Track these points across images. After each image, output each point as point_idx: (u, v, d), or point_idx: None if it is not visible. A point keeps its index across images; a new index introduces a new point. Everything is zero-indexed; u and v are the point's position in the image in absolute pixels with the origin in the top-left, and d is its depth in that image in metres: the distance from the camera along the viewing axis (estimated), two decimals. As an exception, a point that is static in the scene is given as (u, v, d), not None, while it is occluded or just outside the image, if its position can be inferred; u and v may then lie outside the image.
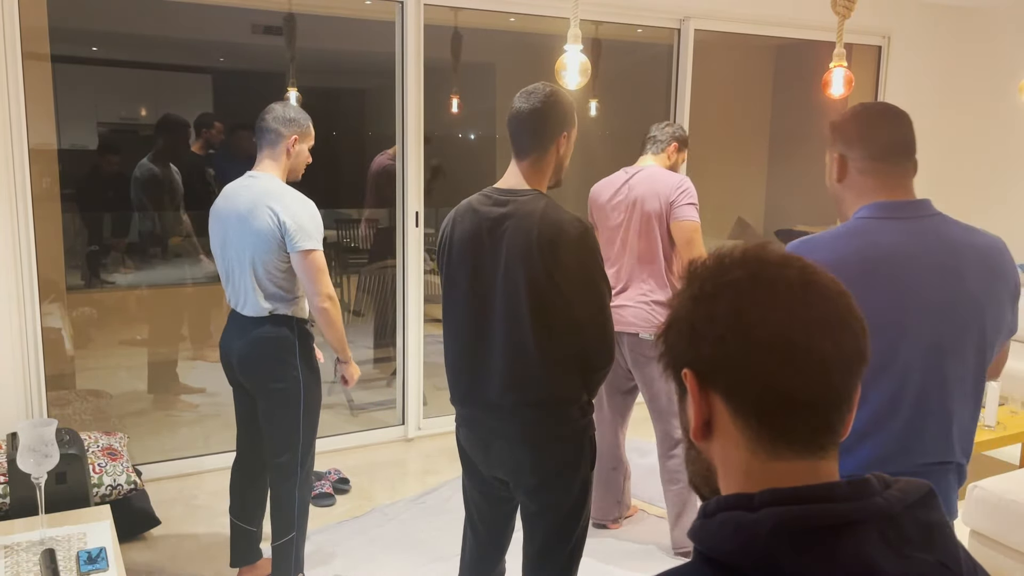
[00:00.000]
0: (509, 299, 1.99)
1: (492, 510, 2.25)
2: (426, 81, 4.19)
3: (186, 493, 3.71)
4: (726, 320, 0.79)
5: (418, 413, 4.46)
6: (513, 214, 2.01)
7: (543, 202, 2.02)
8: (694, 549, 0.78)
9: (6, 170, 3.28)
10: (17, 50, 3.28)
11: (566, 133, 2.08)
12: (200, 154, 4.97)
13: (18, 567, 1.90)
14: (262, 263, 2.62)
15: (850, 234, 1.59)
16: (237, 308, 2.72)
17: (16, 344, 3.38)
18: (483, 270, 2.03)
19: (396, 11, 4.14)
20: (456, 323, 2.10)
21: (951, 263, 1.56)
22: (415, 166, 4.23)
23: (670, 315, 0.85)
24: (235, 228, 2.66)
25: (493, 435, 2.09)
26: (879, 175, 1.62)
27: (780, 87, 7.07)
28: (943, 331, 1.55)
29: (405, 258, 4.33)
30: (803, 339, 0.77)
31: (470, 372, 2.09)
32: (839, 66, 3.09)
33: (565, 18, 2.59)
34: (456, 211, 2.13)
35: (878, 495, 0.74)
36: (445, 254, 2.11)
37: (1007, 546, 2.94)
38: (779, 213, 7.17)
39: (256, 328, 2.67)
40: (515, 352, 2.01)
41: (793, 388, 0.77)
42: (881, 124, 1.64)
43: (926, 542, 0.74)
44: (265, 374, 2.69)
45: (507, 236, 2.00)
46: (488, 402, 2.06)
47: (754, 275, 0.80)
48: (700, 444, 0.85)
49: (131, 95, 5.62)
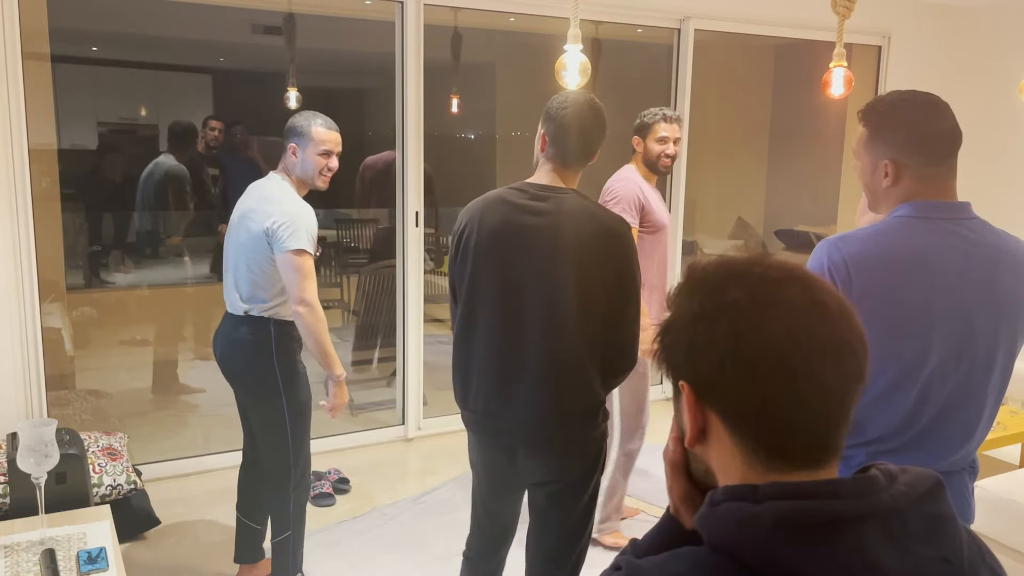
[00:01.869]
0: (550, 294, 1.93)
1: (503, 508, 2.24)
2: (426, 81, 4.19)
3: (186, 493, 3.71)
4: (725, 345, 0.78)
5: (418, 413, 4.45)
6: (555, 210, 1.97)
7: (587, 201, 2.01)
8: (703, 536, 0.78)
9: (6, 170, 3.28)
10: (17, 50, 3.28)
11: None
12: (203, 152, 4.98)
13: (18, 567, 1.90)
14: (245, 262, 2.62)
15: (886, 232, 1.56)
16: (226, 307, 2.74)
17: (16, 344, 3.38)
18: (520, 263, 1.96)
19: (396, 11, 4.14)
20: (482, 318, 2.01)
21: (985, 267, 1.53)
22: (415, 166, 4.23)
23: (669, 318, 0.85)
24: (234, 227, 2.68)
25: (519, 442, 2.04)
26: (932, 180, 1.57)
27: (780, 87, 7.07)
28: (975, 333, 1.53)
29: (405, 258, 4.33)
30: (803, 367, 0.76)
31: (494, 378, 2.01)
32: (839, 66, 3.09)
33: (565, 18, 2.59)
34: (483, 201, 2.05)
35: (884, 491, 0.74)
36: (470, 244, 2.02)
37: (1007, 546, 2.94)
38: (779, 213, 7.17)
39: (235, 329, 2.67)
40: (554, 352, 1.94)
41: (791, 416, 0.77)
42: (935, 125, 1.56)
43: (930, 537, 0.74)
44: (242, 375, 2.70)
45: (550, 230, 1.95)
46: (517, 407, 1.99)
47: (755, 296, 0.79)
48: (695, 449, 0.84)
49: (131, 95, 5.62)
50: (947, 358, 1.53)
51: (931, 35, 5.55)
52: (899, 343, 1.52)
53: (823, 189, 6.39)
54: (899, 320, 1.51)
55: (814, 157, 6.73)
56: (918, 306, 1.51)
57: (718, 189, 6.95)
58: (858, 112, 1.65)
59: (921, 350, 1.52)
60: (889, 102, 1.60)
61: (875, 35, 5.39)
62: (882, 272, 1.52)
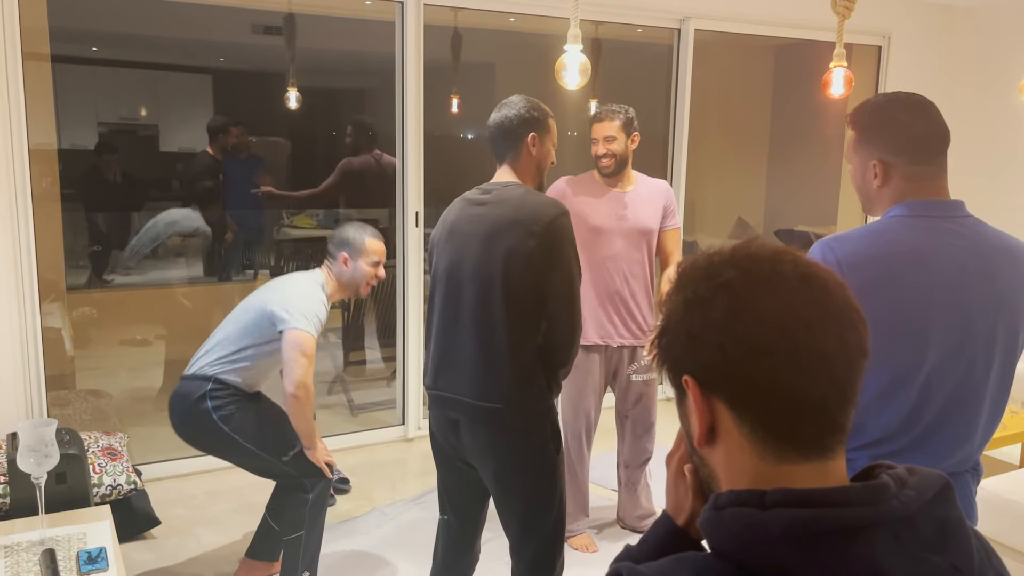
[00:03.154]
0: (483, 282, 2.09)
1: (462, 495, 2.33)
2: (426, 81, 4.19)
3: (186, 493, 3.71)
4: (723, 324, 0.76)
5: (418, 413, 4.45)
6: (493, 200, 2.15)
7: (522, 189, 2.16)
8: (707, 540, 0.77)
9: (6, 170, 3.28)
10: (17, 50, 3.28)
11: (534, 134, 2.21)
12: (217, 158, 4.96)
13: (18, 567, 1.90)
14: (231, 333, 2.76)
15: (880, 231, 1.56)
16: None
17: (16, 344, 3.38)
18: (461, 254, 2.15)
19: (396, 11, 4.14)
20: (432, 306, 2.24)
21: (982, 265, 1.54)
22: (415, 166, 4.23)
23: (664, 320, 0.83)
24: (242, 306, 2.82)
25: (460, 414, 2.17)
26: (922, 178, 1.59)
27: (780, 87, 7.07)
28: (973, 331, 1.53)
29: (405, 258, 4.33)
30: (805, 337, 0.74)
31: (441, 354, 2.20)
32: (839, 66, 3.09)
33: (565, 18, 2.59)
34: (451, 204, 2.28)
35: (894, 498, 0.72)
36: (434, 239, 2.28)
37: (1007, 546, 2.94)
38: (779, 213, 7.16)
39: (186, 396, 2.72)
40: (484, 337, 2.10)
41: (799, 388, 0.75)
42: (921, 124, 1.58)
43: (940, 543, 0.73)
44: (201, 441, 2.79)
45: (486, 220, 2.12)
46: (457, 379, 2.15)
47: (747, 273, 0.78)
48: (703, 450, 0.82)
49: (131, 95, 5.62)
50: (946, 355, 1.53)
51: (931, 35, 5.55)
52: (897, 341, 1.52)
53: (823, 189, 6.39)
54: (896, 318, 1.51)
55: (814, 157, 6.73)
56: (915, 303, 1.51)
57: (718, 189, 6.94)
58: (846, 117, 1.67)
59: (920, 347, 1.52)
60: (875, 104, 1.63)
61: (875, 35, 5.39)
62: (877, 270, 1.52)
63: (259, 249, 5.43)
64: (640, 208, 3.17)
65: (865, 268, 1.52)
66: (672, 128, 4.94)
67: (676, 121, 4.91)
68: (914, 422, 1.55)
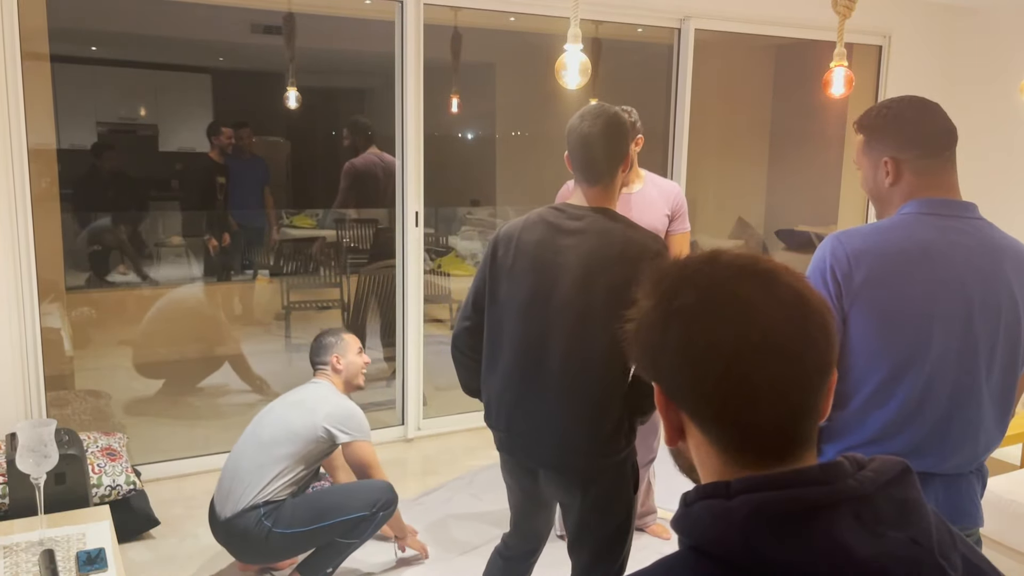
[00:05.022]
0: (578, 321, 1.91)
1: (532, 522, 2.25)
2: (426, 81, 4.19)
3: (186, 493, 3.71)
4: (677, 350, 0.79)
5: (418, 413, 4.45)
6: (589, 229, 1.95)
7: (623, 220, 1.97)
8: (679, 538, 0.79)
9: (6, 170, 3.28)
10: (17, 50, 3.27)
11: (632, 143, 2.11)
12: (218, 161, 4.96)
13: (17, 567, 1.90)
14: (277, 455, 2.80)
15: (891, 227, 1.59)
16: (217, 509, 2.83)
17: (15, 344, 3.38)
18: (549, 287, 1.95)
19: (396, 11, 4.14)
20: (499, 337, 2.02)
21: (990, 264, 1.56)
22: (415, 166, 4.22)
23: (636, 318, 0.85)
24: (264, 423, 2.86)
25: (539, 464, 2.04)
26: (932, 173, 1.61)
27: (780, 87, 7.07)
28: (976, 330, 1.54)
29: (405, 258, 4.33)
30: (754, 369, 0.76)
31: (515, 399, 2.00)
32: (839, 66, 3.09)
33: (565, 18, 2.59)
34: (523, 220, 2.05)
35: (850, 477, 0.75)
36: (507, 261, 2.02)
37: (1008, 546, 2.94)
38: (779, 213, 7.16)
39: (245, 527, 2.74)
40: (576, 387, 1.93)
41: (750, 416, 0.77)
42: (928, 119, 1.62)
43: (900, 519, 0.74)
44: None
45: (580, 251, 1.93)
46: (538, 428, 1.98)
47: (703, 299, 0.79)
48: (679, 446, 0.86)
49: (131, 95, 5.62)
50: (948, 352, 1.54)
51: (931, 35, 5.55)
52: (899, 335, 1.54)
53: (823, 189, 6.38)
54: (900, 312, 1.53)
55: (814, 157, 6.73)
56: (919, 298, 1.53)
57: (718, 189, 6.94)
58: (854, 123, 1.70)
59: (922, 343, 1.53)
60: (882, 106, 1.66)
61: (875, 35, 5.39)
62: (883, 264, 1.54)
63: (259, 249, 5.43)
64: (646, 210, 3.14)
65: (872, 261, 1.54)
66: (672, 128, 4.93)
67: (676, 121, 4.91)
68: (915, 418, 1.55)
